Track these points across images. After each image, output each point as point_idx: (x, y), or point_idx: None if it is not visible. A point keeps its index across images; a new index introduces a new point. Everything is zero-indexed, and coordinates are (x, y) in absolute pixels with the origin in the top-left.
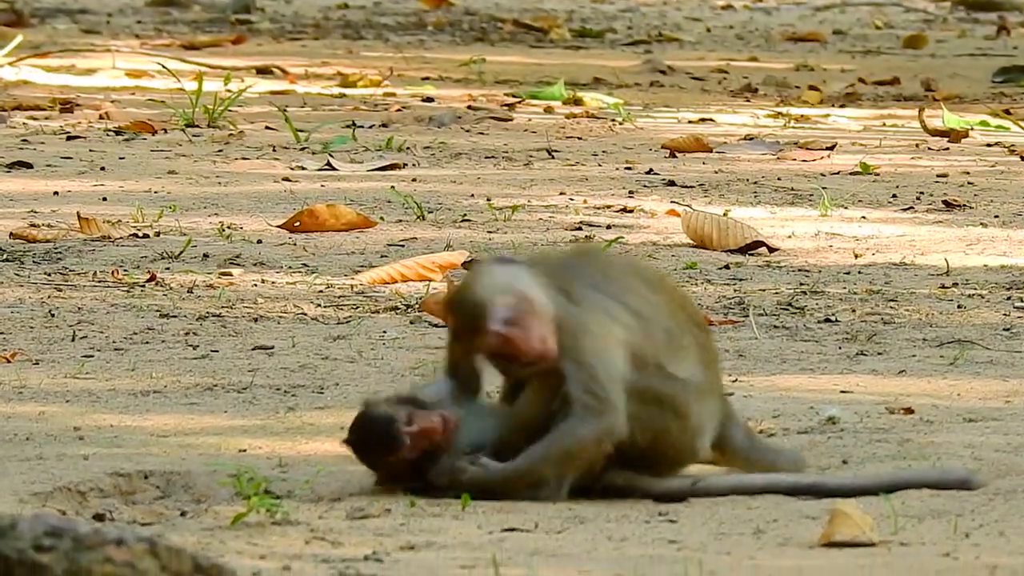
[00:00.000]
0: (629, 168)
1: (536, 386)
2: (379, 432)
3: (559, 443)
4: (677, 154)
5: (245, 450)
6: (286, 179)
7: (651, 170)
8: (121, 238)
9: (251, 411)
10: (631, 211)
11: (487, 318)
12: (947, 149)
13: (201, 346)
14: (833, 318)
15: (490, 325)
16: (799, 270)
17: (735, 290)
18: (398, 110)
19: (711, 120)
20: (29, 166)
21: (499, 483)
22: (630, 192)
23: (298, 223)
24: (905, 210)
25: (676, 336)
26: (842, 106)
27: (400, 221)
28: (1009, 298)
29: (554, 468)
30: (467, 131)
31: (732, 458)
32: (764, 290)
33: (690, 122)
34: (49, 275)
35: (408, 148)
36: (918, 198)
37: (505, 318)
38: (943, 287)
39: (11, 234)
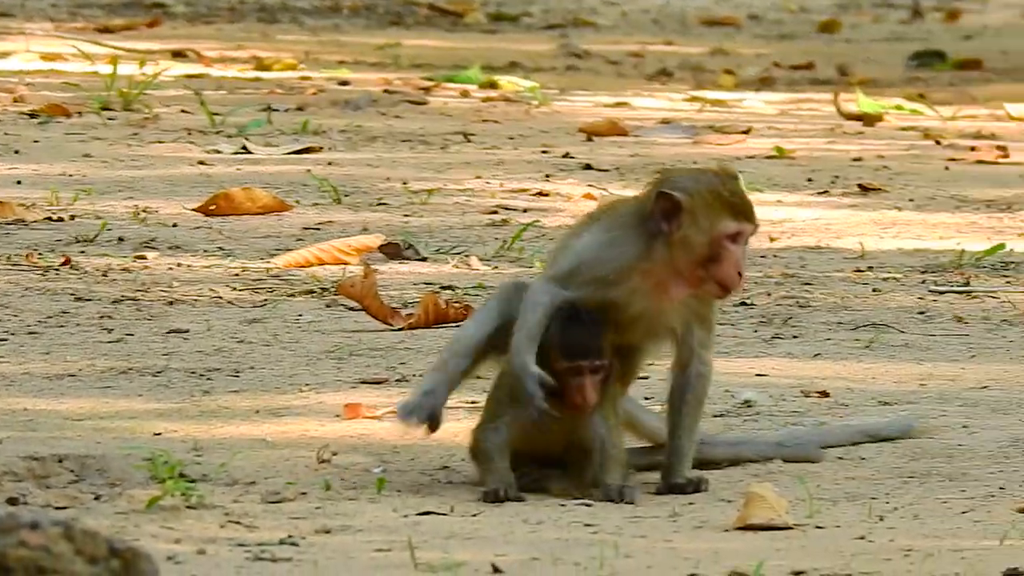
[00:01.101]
0: (545, 152)
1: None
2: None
3: (698, 412)
4: (593, 138)
5: (160, 434)
6: (201, 162)
7: (568, 154)
8: (36, 221)
9: (166, 395)
10: (547, 195)
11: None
12: (862, 133)
13: (116, 330)
14: (749, 301)
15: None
16: None
17: None
18: (314, 94)
19: (627, 104)
20: None
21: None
22: (547, 176)
23: (214, 206)
24: (820, 194)
25: None
26: (757, 90)
27: (316, 204)
28: (924, 281)
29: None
30: (383, 115)
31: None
32: None
33: (606, 106)
34: None
35: (324, 132)
36: (833, 182)
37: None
38: (858, 271)
39: None
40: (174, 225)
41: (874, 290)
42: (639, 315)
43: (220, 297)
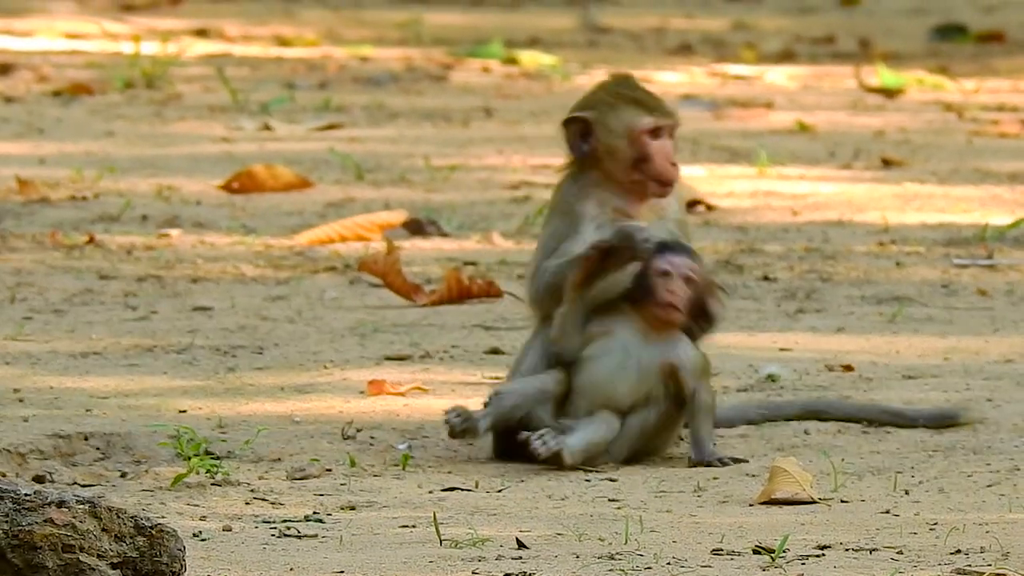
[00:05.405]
0: None
1: None
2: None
3: None
4: None
5: (185, 411)
6: (224, 140)
7: None
8: (60, 200)
9: (191, 372)
10: None
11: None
12: (884, 107)
13: (140, 307)
14: (771, 276)
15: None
16: (737, 228)
17: None
18: (336, 71)
19: (648, 79)
20: None
21: None
22: None
23: (236, 184)
24: (843, 168)
25: None
26: (779, 64)
27: (338, 181)
28: (947, 255)
29: None
30: (405, 91)
31: None
32: (702, 248)
33: None
34: None
35: (346, 108)
36: (855, 156)
37: None
38: (881, 244)
39: None
40: (197, 203)
41: (897, 264)
42: None
43: (243, 274)
